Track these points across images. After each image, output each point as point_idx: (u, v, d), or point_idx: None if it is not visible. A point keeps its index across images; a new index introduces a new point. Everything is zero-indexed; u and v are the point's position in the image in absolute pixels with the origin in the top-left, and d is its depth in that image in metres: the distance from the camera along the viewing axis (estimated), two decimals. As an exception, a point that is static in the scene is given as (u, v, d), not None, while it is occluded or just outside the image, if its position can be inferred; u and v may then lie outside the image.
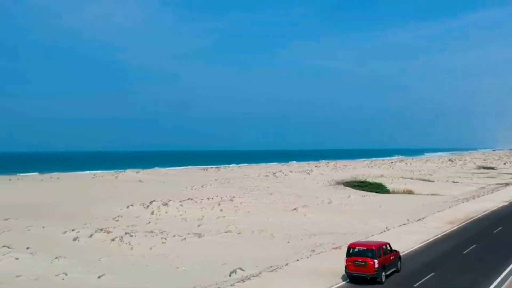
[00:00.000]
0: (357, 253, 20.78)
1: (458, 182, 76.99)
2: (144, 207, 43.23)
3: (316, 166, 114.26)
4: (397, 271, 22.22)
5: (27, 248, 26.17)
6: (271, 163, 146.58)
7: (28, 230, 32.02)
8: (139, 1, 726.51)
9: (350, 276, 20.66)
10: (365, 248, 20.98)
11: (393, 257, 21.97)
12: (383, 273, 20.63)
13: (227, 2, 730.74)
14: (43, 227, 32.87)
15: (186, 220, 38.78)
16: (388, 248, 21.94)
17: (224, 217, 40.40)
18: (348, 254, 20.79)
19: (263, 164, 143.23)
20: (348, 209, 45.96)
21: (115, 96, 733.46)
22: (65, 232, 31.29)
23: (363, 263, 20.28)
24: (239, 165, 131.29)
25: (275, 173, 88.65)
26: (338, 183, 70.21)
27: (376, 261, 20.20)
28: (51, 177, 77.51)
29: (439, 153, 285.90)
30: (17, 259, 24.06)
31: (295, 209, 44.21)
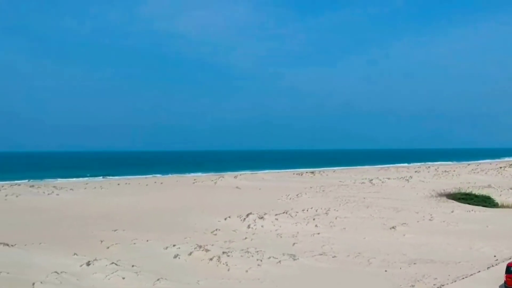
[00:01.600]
0: None
1: None
2: (241, 220, 44.22)
3: (416, 171, 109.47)
4: None
5: (132, 266, 27.78)
6: (370, 166, 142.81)
7: (134, 243, 33.96)
8: (236, 4, 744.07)
9: None
10: None
11: None
12: None
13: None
14: (147, 241, 34.73)
15: (281, 237, 39.06)
16: None
17: (319, 234, 40.12)
18: (508, 271, 24.61)
19: (359, 167, 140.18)
20: (452, 228, 43.47)
21: (221, 99, 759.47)
22: (166, 248, 32.73)
23: None
24: (334, 168, 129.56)
25: (371, 179, 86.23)
26: (440, 194, 66.53)
27: None
28: (155, 182, 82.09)
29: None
30: (123, 278, 25.63)
31: (393, 227, 42.69)
